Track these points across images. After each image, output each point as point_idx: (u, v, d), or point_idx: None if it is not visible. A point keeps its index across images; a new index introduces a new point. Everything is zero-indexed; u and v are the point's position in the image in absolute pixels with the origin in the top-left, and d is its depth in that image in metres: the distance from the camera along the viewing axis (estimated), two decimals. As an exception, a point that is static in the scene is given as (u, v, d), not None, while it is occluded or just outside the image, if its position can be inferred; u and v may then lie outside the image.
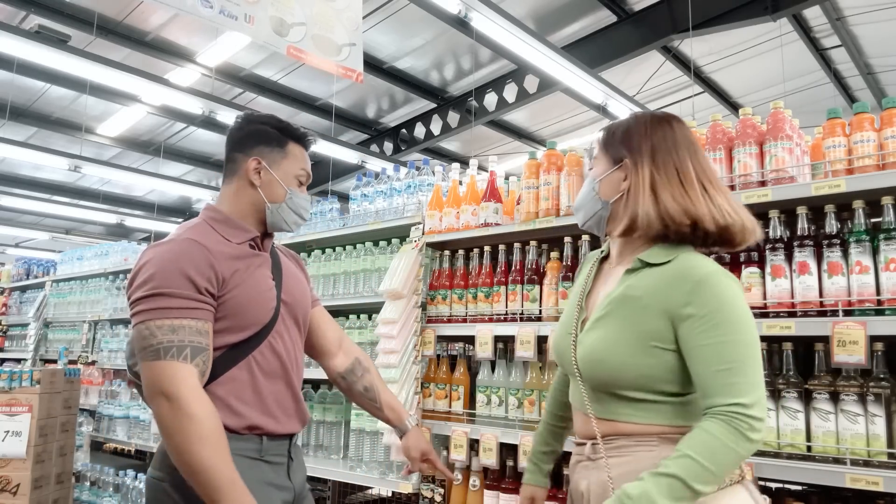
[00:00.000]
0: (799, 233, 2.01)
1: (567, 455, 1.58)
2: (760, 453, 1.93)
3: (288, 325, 1.75)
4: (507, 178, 3.09)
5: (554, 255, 2.60)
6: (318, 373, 2.22)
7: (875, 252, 1.88)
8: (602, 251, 1.61)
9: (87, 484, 4.73)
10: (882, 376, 1.82)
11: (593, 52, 6.78)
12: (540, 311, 2.57)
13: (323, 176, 10.47)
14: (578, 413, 1.51)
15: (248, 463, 1.59)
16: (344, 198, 4.00)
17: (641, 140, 1.45)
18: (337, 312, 3.55)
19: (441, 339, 2.97)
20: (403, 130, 9.51)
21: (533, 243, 2.67)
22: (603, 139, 1.54)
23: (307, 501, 1.80)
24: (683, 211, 1.38)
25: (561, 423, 1.75)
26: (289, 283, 1.78)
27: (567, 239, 2.54)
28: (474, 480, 2.63)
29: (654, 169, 1.42)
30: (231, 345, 1.62)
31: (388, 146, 9.70)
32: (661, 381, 1.34)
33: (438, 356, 2.94)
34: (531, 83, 7.64)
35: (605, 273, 1.56)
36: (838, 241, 1.93)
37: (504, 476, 2.59)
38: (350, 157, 8.16)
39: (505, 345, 2.67)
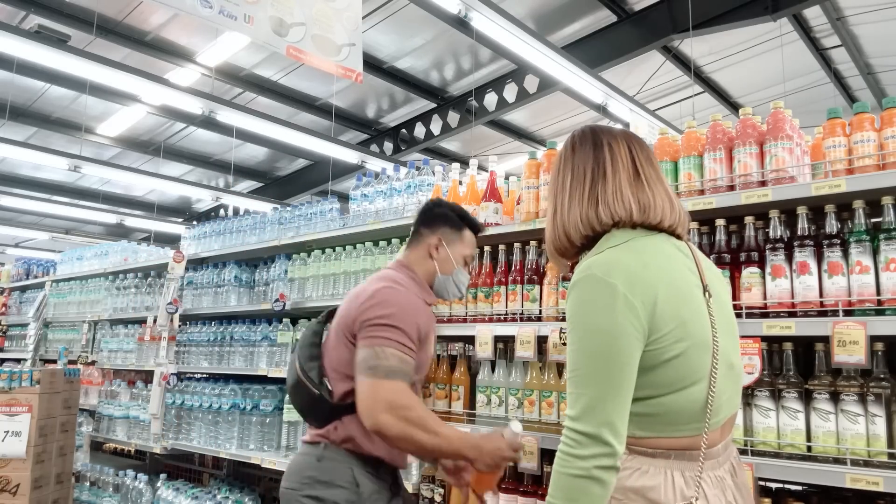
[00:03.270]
0: (799, 233, 2.01)
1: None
2: (760, 453, 1.93)
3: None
4: (507, 178, 3.08)
5: (554, 255, 2.59)
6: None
7: (875, 252, 1.87)
8: None
9: (87, 484, 4.73)
10: (882, 376, 1.82)
11: (593, 52, 6.78)
12: (540, 311, 2.56)
13: (323, 176, 10.47)
14: None
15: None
16: (344, 198, 3.99)
17: None
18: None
19: (441, 338, 2.97)
20: (403, 130, 9.51)
21: (533, 243, 2.66)
22: None
23: None
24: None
25: None
26: (430, 351, 2.24)
27: (567, 239, 2.53)
28: (474, 480, 2.63)
29: None
30: None
31: (388, 146, 9.70)
32: None
33: (438, 356, 2.94)
34: (531, 83, 7.64)
35: None
36: (838, 241, 1.93)
37: (504, 476, 2.58)
38: (350, 157, 8.16)
39: (505, 345, 2.67)
